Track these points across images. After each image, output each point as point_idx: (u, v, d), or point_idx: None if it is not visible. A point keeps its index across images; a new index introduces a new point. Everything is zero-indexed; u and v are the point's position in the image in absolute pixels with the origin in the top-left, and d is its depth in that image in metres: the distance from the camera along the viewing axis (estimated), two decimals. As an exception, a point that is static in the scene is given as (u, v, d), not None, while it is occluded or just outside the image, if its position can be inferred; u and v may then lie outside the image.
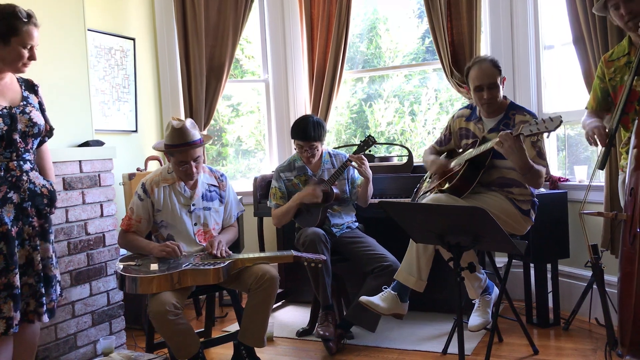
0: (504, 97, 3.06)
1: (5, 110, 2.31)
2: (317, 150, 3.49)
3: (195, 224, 3.10)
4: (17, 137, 2.33)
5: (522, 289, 3.73)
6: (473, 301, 3.16)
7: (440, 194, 2.97)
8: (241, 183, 4.92)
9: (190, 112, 4.55)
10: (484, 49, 4.16)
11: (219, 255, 2.92)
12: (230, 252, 3.01)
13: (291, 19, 4.75)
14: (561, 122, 2.54)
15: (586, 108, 2.94)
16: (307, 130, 3.41)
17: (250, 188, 4.31)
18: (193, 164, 2.99)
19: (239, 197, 3.46)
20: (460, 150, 3.18)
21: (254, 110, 5.16)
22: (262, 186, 4.18)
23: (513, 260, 3.08)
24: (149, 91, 4.60)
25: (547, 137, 2.76)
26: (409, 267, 2.98)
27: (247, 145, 5.20)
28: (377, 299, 2.98)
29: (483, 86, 2.95)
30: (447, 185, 2.98)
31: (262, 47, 4.88)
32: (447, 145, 3.31)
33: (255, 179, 4.18)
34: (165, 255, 2.91)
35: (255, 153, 5.21)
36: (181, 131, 2.96)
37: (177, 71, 4.64)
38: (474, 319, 3.04)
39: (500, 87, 2.98)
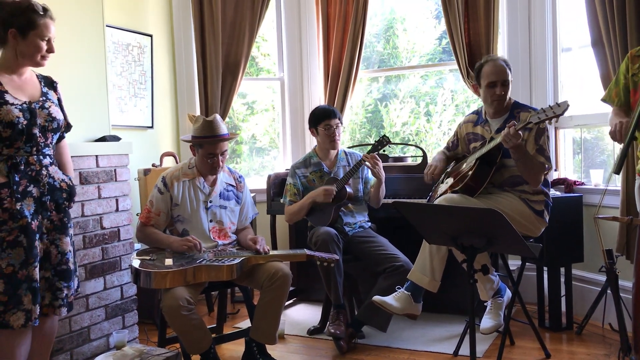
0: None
1: (25, 105, 2.34)
2: (340, 130, 3.59)
3: (211, 221, 3.12)
4: (36, 131, 2.35)
5: (534, 292, 3.71)
6: (485, 303, 3.15)
7: (453, 194, 2.97)
8: (255, 181, 4.94)
9: (206, 109, 4.57)
10: (501, 50, 4.14)
11: (261, 251, 2.97)
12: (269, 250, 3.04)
13: (307, 18, 4.75)
14: (568, 106, 2.60)
15: (602, 100, 2.89)
16: (330, 110, 3.58)
17: (263, 186, 4.33)
18: (220, 157, 3.04)
19: (253, 194, 3.47)
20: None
21: (268, 108, 5.17)
22: (276, 184, 4.19)
23: (526, 263, 3.07)
24: (165, 88, 4.63)
25: (556, 121, 2.80)
26: (423, 267, 2.98)
27: (262, 143, 5.22)
28: (390, 299, 2.99)
29: (497, 82, 3.01)
30: (460, 186, 2.98)
31: (278, 45, 4.89)
32: (454, 150, 3.36)
33: (269, 176, 4.19)
34: (185, 249, 2.93)
35: (269, 151, 5.22)
36: (213, 124, 3.02)
37: (194, 68, 4.67)
38: (486, 322, 3.03)
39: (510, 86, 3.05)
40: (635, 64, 2.72)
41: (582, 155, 4.01)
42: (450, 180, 3.15)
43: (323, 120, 3.54)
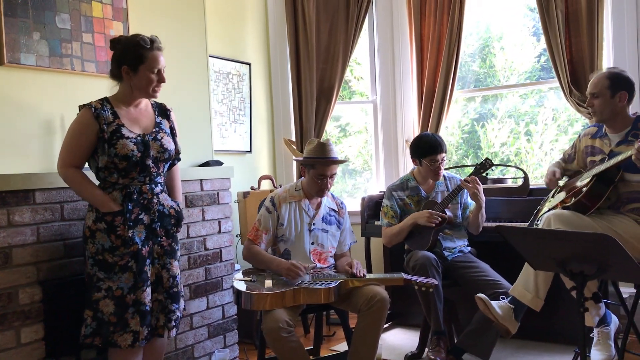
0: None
1: (139, 138, 2.48)
2: (445, 161, 3.50)
3: (313, 243, 3.17)
4: (149, 162, 2.49)
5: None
6: (591, 334, 2.97)
7: (563, 210, 2.84)
8: (347, 202, 4.93)
9: (301, 133, 4.67)
10: (607, 65, 3.94)
11: (358, 274, 2.96)
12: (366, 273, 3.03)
13: (401, 40, 4.76)
14: None
15: None
16: (437, 143, 3.43)
17: (356, 207, 4.34)
18: (329, 180, 3.11)
19: (347, 217, 3.48)
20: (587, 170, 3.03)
21: (361, 130, 5.20)
22: (370, 206, 4.19)
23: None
24: (262, 113, 4.78)
25: None
26: (526, 282, 2.86)
27: (354, 165, 5.25)
28: (495, 304, 2.88)
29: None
30: (572, 202, 2.83)
31: (371, 68, 4.92)
32: (570, 163, 3.20)
33: (363, 198, 4.20)
34: (290, 278, 2.92)
35: (361, 173, 5.24)
36: (327, 146, 3.12)
37: (289, 93, 4.80)
38: (596, 354, 2.86)
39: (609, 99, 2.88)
40: None
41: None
42: (561, 195, 3.01)
43: (429, 155, 3.43)
